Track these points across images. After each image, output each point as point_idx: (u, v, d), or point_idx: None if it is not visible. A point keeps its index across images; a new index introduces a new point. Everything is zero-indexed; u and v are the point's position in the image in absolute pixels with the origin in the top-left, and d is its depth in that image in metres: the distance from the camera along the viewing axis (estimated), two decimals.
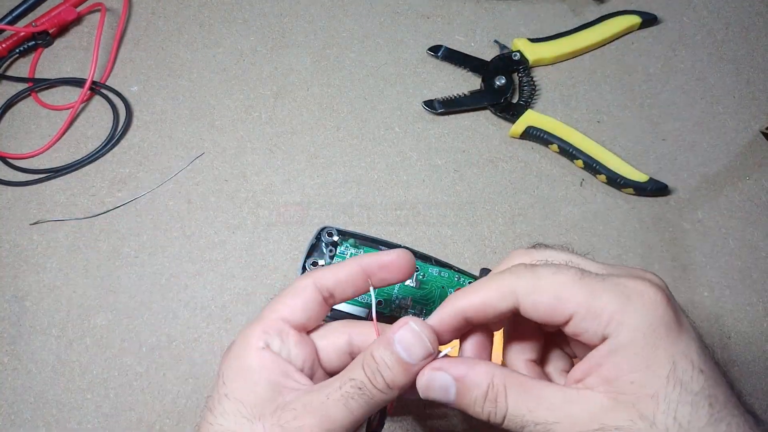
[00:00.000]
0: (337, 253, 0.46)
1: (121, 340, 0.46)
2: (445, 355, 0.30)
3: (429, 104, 0.54)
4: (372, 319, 0.33)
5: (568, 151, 0.51)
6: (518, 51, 0.55)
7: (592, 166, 0.51)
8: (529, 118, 0.53)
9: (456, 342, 0.32)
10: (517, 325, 0.32)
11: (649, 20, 0.58)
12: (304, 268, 0.45)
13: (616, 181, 0.50)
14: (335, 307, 0.44)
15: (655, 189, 0.50)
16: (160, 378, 0.45)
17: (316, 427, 0.28)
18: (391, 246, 0.47)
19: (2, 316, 0.46)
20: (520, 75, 0.55)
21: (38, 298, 0.47)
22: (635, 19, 0.57)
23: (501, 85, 0.54)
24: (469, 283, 0.46)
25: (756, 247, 0.50)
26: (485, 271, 0.46)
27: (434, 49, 0.56)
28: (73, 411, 0.44)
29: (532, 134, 0.52)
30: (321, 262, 0.45)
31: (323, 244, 0.46)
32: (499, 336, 0.34)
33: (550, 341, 0.32)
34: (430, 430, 0.43)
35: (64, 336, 0.46)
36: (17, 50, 0.56)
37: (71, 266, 0.48)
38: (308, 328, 0.33)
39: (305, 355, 0.32)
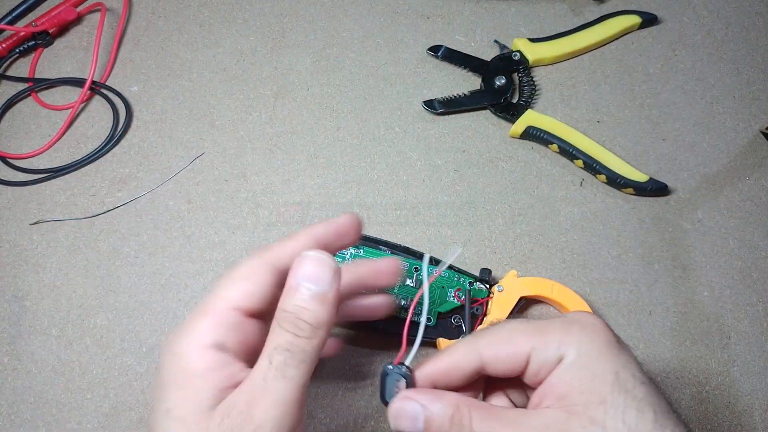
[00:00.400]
0: (337, 253, 0.46)
1: (121, 340, 0.46)
2: None
3: (429, 104, 0.54)
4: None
5: (568, 151, 0.51)
6: (518, 51, 0.55)
7: (592, 166, 0.51)
8: (529, 118, 0.53)
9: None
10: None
11: (649, 20, 0.58)
12: None
13: (616, 181, 0.50)
14: None
15: (655, 189, 0.50)
16: None
17: (271, 421, 0.26)
18: (391, 246, 0.47)
19: (2, 316, 0.46)
20: (520, 75, 0.55)
21: (38, 298, 0.47)
22: (635, 19, 0.57)
23: (501, 85, 0.54)
24: (469, 283, 0.46)
25: (756, 247, 0.50)
26: (485, 271, 0.46)
27: (434, 49, 0.56)
28: (73, 411, 0.44)
29: (532, 134, 0.52)
30: None
31: None
32: None
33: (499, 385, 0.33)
34: None
35: (64, 336, 0.46)
36: (17, 50, 0.56)
37: (71, 266, 0.48)
38: (264, 315, 0.29)
39: (258, 344, 0.28)
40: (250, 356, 0.28)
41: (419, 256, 0.47)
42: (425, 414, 0.28)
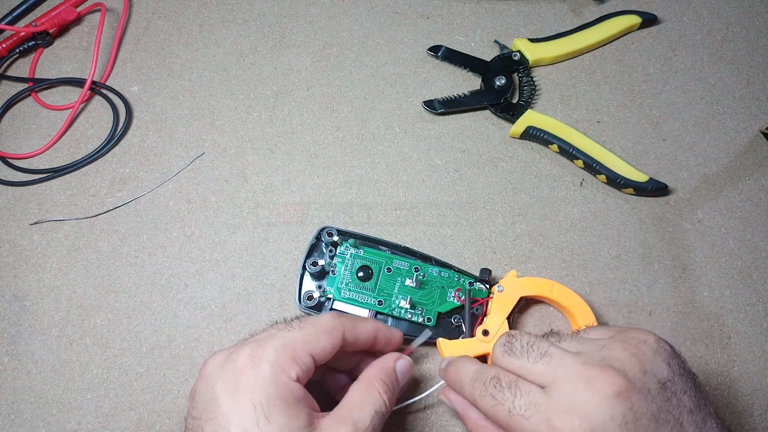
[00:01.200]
0: (337, 253, 0.46)
1: (121, 340, 0.46)
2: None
3: (429, 104, 0.54)
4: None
5: (568, 151, 0.51)
6: (518, 51, 0.55)
7: (592, 166, 0.51)
8: (529, 118, 0.53)
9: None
10: None
11: (649, 20, 0.58)
12: (304, 268, 0.45)
13: (616, 181, 0.50)
14: (335, 306, 0.44)
15: (655, 189, 0.50)
16: (160, 378, 0.45)
17: None
18: (391, 246, 0.47)
19: (2, 316, 0.46)
20: (520, 75, 0.55)
21: (38, 298, 0.47)
22: (635, 19, 0.57)
23: (501, 85, 0.54)
24: (469, 283, 0.46)
25: (756, 247, 0.50)
26: (485, 272, 0.46)
27: (434, 49, 0.56)
28: (73, 411, 0.44)
29: (532, 134, 0.52)
30: (321, 261, 0.45)
31: (323, 244, 0.46)
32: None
33: None
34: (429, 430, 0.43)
35: (64, 336, 0.46)
36: (17, 50, 0.56)
37: (71, 266, 0.48)
38: (318, 364, 0.36)
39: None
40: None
41: (420, 256, 0.47)
42: None
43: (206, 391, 0.33)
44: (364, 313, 0.44)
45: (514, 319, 0.45)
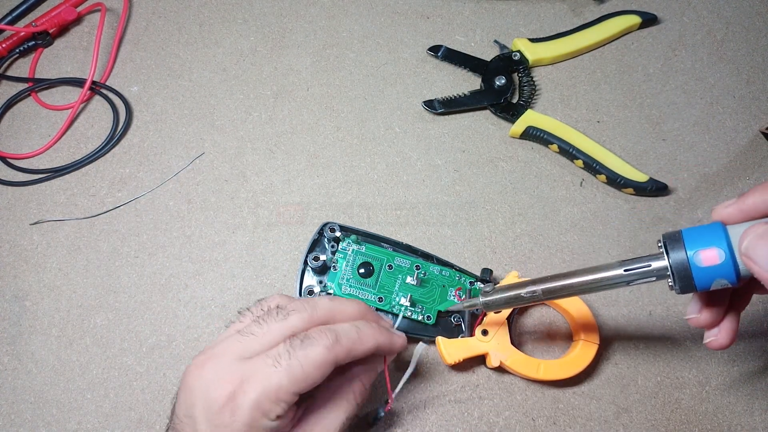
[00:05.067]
0: (339, 248, 0.46)
1: (121, 340, 0.46)
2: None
3: (429, 104, 0.54)
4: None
5: (568, 151, 0.51)
6: (518, 51, 0.55)
7: (592, 166, 0.51)
8: (529, 118, 0.53)
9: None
10: None
11: (649, 20, 0.58)
12: (305, 263, 0.45)
13: (616, 181, 0.50)
14: None
15: (655, 189, 0.50)
16: (160, 378, 0.45)
17: None
18: (393, 243, 0.47)
19: (2, 316, 0.46)
20: (520, 75, 0.55)
21: (38, 298, 0.47)
22: (635, 19, 0.57)
23: (501, 85, 0.54)
24: (470, 282, 0.46)
25: None
26: (486, 271, 0.46)
27: (434, 49, 0.56)
28: (73, 411, 0.44)
29: (532, 134, 0.52)
30: (322, 257, 0.45)
31: (325, 239, 0.46)
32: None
33: None
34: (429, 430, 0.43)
35: (64, 336, 0.46)
36: (17, 50, 0.56)
37: (71, 266, 0.48)
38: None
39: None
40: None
41: (421, 254, 0.47)
42: None
43: (188, 409, 0.33)
44: None
45: (514, 319, 0.45)
